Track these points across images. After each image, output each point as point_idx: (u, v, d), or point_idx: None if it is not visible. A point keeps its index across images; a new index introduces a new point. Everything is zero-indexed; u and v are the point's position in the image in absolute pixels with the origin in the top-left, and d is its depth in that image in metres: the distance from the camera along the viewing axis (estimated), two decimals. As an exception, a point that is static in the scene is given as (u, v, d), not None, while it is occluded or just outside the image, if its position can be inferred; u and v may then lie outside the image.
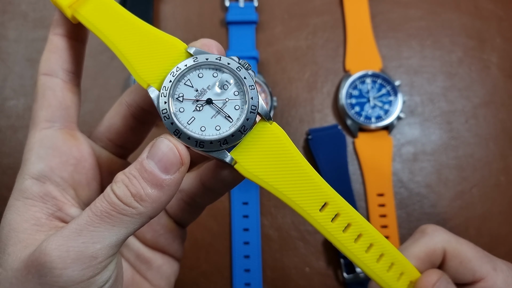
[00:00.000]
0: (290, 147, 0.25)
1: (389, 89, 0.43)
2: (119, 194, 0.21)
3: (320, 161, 0.41)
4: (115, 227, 0.21)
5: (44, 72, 0.25)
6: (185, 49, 0.24)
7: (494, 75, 0.46)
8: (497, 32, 0.47)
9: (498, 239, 0.41)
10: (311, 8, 0.47)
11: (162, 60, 0.24)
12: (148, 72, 0.24)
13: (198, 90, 0.24)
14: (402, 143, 0.43)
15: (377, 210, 0.41)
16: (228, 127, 0.23)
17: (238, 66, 0.24)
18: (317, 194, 0.25)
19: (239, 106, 0.24)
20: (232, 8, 0.45)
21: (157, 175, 0.21)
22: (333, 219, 0.25)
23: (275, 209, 0.42)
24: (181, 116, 0.23)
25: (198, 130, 0.23)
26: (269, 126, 0.24)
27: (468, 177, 0.43)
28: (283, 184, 0.25)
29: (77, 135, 0.25)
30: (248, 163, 0.24)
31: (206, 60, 0.23)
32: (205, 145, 0.22)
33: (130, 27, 0.26)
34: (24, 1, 0.46)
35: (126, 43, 0.25)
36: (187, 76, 0.23)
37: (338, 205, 0.25)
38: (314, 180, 0.25)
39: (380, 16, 0.47)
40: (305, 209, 0.25)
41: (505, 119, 0.44)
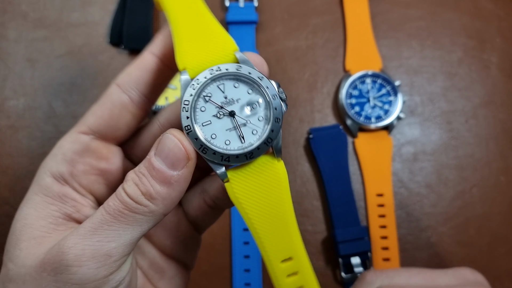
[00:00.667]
0: (284, 191, 0.24)
1: (389, 89, 0.43)
2: (130, 192, 0.21)
3: (320, 161, 0.41)
4: (129, 226, 0.21)
5: (118, 83, 0.24)
6: (234, 51, 0.24)
7: (494, 75, 0.46)
8: (497, 32, 0.47)
9: (498, 239, 0.41)
10: (311, 8, 0.47)
11: (208, 52, 0.24)
12: (190, 57, 0.23)
13: (226, 98, 0.23)
14: (402, 143, 0.44)
15: (376, 210, 0.41)
16: (237, 147, 0.22)
17: (275, 94, 0.23)
18: (287, 246, 0.24)
19: (257, 132, 0.23)
20: (232, 8, 0.45)
21: (164, 172, 0.21)
22: (289, 275, 0.24)
23: (275, 209, 0.42)
24: (200, 115, 0.22)
25: (209, 136, 0.22)
26: (276, 162, 0.24)
27: (468, 177, 0.43)
28: (261, 223, 0.24)
29: (112, 149, 0.25)
30: (239, 187, 0.23)
31: (248, 74, 0.23)
32: (207, 152, 0.22)
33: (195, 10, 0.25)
34: (24, 1, 0.46)
35: (183, 23, 0.24)
36: (223, 80, 0.23)
37: (300, 264, 0.24)
38: (291, 233, 0.24)
39: (380, 16, 0.47)
40: (270, 256, 0.24)
41: (505, 119, 0.44)
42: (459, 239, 0.41)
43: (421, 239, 0.41)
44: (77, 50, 0.45)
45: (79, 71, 0.44)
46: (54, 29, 0.45)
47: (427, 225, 0.41)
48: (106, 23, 0.46)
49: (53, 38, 0.45)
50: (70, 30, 0.45)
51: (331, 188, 0.41)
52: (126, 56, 0.45)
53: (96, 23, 0.46)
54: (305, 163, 0.43)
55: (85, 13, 0.46)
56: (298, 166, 0.43)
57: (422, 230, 0.41)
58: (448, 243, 0.41)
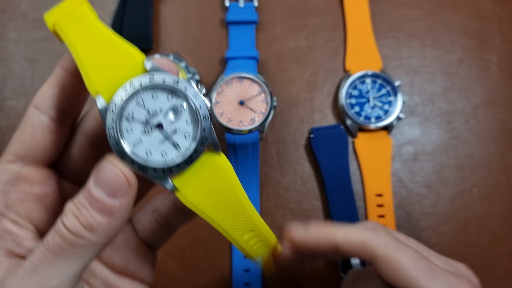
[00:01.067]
0: (232, 180, 0.25)
1: (389, 89, 0.43)
2: (69, 226, 0.20)
3: (321, 160, 0.41)
4: (70, 260, 0.20)
5: (35, 105, 0.23)
6: (142, 61, 0.23)
7: (494, 75, 0.46)
8: (497, 32, 0.47)
9: (498, 239, 0.41)
10: (311, 8, 0.47)
11: (117, 70, 0.23)
12: (99, 80, 0.22)
13: (149, 112, 0.22)
14: (402, 143, 0.44)
15: (375, 210, 0.41)
16: (175, 156, 0.22)
17: (195, 94, 0.22)
18: (246, 223, 0.26)
19: (189, 135, 0.23)
20: (232, 8, 0.45)
21: (105, 202, 0.20)
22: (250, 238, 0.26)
23: (275, 209, 0.42)
24: (128, 137, 0.22)
25: (143, 154, 0.22)
26: (216, 157, 0.24)
27: (468, 177, 0.43)
28: (219, 215, 0.25)
29: (45, 172, 0.24)
30: (190, 193, 0.24)
31: (162, 82, 0.22)
32: (148, 171, 0.22)
33: (94, 33, 0.24)
34: (24, 1, 0.47)
35: (82, 47, 0.23)
36: (141, 95, 0.22)
37: (260, 230, 0.26)
38: (247, 211, 0.26)
39: (380, 16, 0.47)
40: (233, 236, 0.26)
41: (505, 119, 0.44)
42: (459, 239, 0.41)
43: (421, 239, 0.41)
44: (77, 50, 0.45)
45: (79, 71, 0.44)
46: (54, 29, 0.46)
47: (427, 225, 0.41)
48: (106, 23, 0.46)
49: (53, 38, 0.45)
50: (70, 30, 0.46)
51: (331, 187, 0.41)
52: (126, 56, 0.45)
53: (96, 23, 0.46)
54: (305, 163, 0.43)
55: (85, 13, 0.46)
56: (298, 166, 0.43)
57: (422, 230, 0.41)
58: (448, 243, 0.41)
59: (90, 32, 0.23)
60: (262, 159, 0.43)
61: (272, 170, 0.42)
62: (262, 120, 0.38)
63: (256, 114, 0.39)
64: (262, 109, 0.39)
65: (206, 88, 0.44)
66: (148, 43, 0.44)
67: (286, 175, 0.42)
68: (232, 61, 0.43)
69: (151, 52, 0.45)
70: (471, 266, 0.40)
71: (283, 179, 0.42)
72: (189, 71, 0.42)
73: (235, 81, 0.40)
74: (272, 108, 0.39)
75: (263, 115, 0.39)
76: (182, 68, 0.43)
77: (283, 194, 0.42)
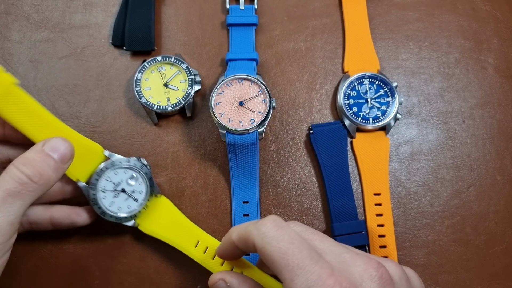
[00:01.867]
0: (173, 210, 0.39)
1: (386, 90, 0.43)
2: (27, 172, 0.30)
3: (320, 155, 0.42)
4: (19, 201, 0.30)
5: None
6: (102, 151, 0.37)
7: (491, 76, 0.46)
8: (494, 33, 0.47)
9: (494, 238, 0.42)
10: (310, 11, 0.47)
11: (86, 161, 0.36)
12: (77, 170, 0.36)
13: (115, 183, 0.37)
14: (399, 143, 0.44)
15: (373, 209, 0.42)
16: (136, 206, 0.37)
17: (141, 166, 0.38)
18: (192, 236, 0.38)
19: (143, 191, 0.38)
20: (232, 10, 0.46)
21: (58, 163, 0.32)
22: (205, 251, 0.38)
23: (274, 207, 0.42)
24: (104, 202, 0.37)
25: (116, 210, 0.37)
26: (159, 199, 0.39)
27: (465, 176, 0.43)
28: (172, 235, 0.38)
29: None
30: (146, 225, 0.38)
31: (119, 163, 0.37)
32: (121, 219, 0.37)
33: (56, 132, 0.35)
34: (27, 2, 0.47)
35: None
36: (107, 174, 0.37)
37: (206, 241, 0.38)
38: (191, 229, 0.39)
39: (378, 18, 0.48)
40: (187, 248, 0.38)
41: (502, 119, 0.45)
42: (456, 237, 0.42)
43: (419, 237, 0.42)
44: (79, 52, 0.46)
45: (82, 72, 0.45)
46: (57, 30, 0.46)
47: (424, 224, 0.42)
48: (108, 24, 0.46)
49: (56, 39, 0.46)
50: (72, 32, 0.46)
51: (330, 182, 0.41)
52: (129, 57, 0.46)
53: (99, 24, 0.46)
54: (304, 162, 0.43)
55: (87, 15, 0.47)
56: (297, 165, 0.43)
57: (419, 228, 0.42)
58: (445, 241, 0.42)
59: (46, 127, 0.35)
60: (262, 159, 0.43)
61: (272, 169, 0.43)
62: (261, 121, 0.39)
63: (255, 115, 0.39)
64: (261, 110, 0.39)
65: (208, 89, 0.45)
66: (150, 45, 0.45)
67: (286, 175, 0.43)
68: (233, 63, 0.43)
69: (153, 54, 0.45)
70: (468, 265, 0.41)
71: (283, 178, 0.43)
72: (190, 72, 0.43)
73: (235, 82, 0.40)
74: (271, 108, 0.39)
75: (262, 115, 0.39)
76: None
77: (282, 193, 0.43)
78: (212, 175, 0.43)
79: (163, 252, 0.41)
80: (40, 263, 0.40)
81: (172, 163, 0.43)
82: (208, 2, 0.48)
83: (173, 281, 0.40)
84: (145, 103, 0.42)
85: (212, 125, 0.44)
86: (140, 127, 0.44)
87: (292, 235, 0.26)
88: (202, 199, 0.42)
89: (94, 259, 0.41)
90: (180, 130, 0.44)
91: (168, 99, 0.42)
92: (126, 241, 0.41)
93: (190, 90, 0.42)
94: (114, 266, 0.40)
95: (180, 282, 0.40)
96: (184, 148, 0.43)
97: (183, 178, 0.42)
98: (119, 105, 0.44)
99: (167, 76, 0.43)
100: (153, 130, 0.44)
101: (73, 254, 0.41)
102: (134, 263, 0.40)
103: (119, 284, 0.40)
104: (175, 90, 0.43)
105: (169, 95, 0.43)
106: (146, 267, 0.40)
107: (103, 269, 0.40)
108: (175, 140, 0.43)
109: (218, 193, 0.42)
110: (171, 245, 0.38)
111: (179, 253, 0.41)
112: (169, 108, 0.42)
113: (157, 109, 0.42)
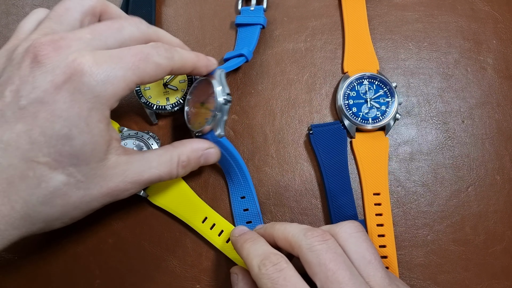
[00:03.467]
0: (183, 185, 0.41)
1: (386, 91, 0.44)
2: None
3: (320, 156, 0.42)
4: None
5: None
6: (118, 127, 0.42)
7: (490, 76, 0.46)
8: (493, 34, 0.48)
9: (493, 237, 0.42)
10: (310, 11, 0.48)
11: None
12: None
13: None
14: (399, 143, 0.44)
15: (373, 209, 0.42)
16: None
17: (148, 137, 0.41)
18: (200, 213, 0.41)
19: None
20: (243, 11, 0.47)
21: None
22: (211, 227, 0.40)
23: (274, 207, 0.42)
24: None
25: None
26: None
27: (464, 176, 0.44)
28: (179, 209, 0.40)
29: None
30: (157, 196, 0.40)
31: (128, 134, 0.41)
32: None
33: None
34: (28, 3, 0.47)
35: None
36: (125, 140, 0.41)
37: (214, 219, 0.40)
38: (199, 205, 0.41)
39: (378, 18, 0.48)
40: (194, 223, 0.40)
41: (501, 120, 0.45)
42: (455, 237, 0.42)
43: (418, 237, 0.42)
44: (80, 52, 0.46)
45: (82, 72, 0.45)
46: (58, 31, 0.46)
47: (424, 223, 0.42)
48: (109, 25, 0.47)
49: (57, 40, 0.46)
50: (73, 33, 0.46)
51: (329, 182, 0.42)
52: (129, 58, 0.46)
53: (99, 25, 0.47)
54: (304, 162, 0.43)
55: (88, 16, 0.47)
56: (297, 165, 0.43)
57: (418, 228, 0.42)
58: (444, 241, 0.42)
59: None
60: (262, 159, 0.43)
61: (272, 169, 0.43)
62: (211, 119, 0.36)
63: (210, 113, 0.37)
64: (212, 107, 0.37)
65: (207, 89, 0.45)
66: (150, 45, 0.45)
67: (286, 174, 0.43)
68: (228, 62, 0.43)
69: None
70: (467, 264, 0.41)
71: (283, 178, 0.43)
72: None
73: (201, 84, 0.39)
74: (223, 104, 0.36)
75: (212, 112, 0.36)
76: None
77: (282, 192, 0.43)
78: (212, 175, 0.43)
79: (164, 251, 0.41)
80: (40, 262, 0.41)
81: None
82: (208, 3, 0.48)
83: (173, 281, 0.40)
84: (145, 103, 0.42)
85: (212, 125, 0.44)
86: (140, 127, 0.44)
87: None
88: (202, 199, 0.42)
89: (94, 258, 0.41)
90: (180, 130, 0.44)
91: (167, 99, 0.43)
92: (127, 240, 0.41)
93: (190, 90, 0.43)
94: (114, 265, 0.41)
95: (180, 282, 0.40)
96: (184, 148, 0.43)
97: (183, 178, 0.43)
98: (119, 105, 0.44)
99: (166, 76, 0.43)
100: (152, 130, 0.44)
101: (74, 253, 0.41)
102: (135, 262, 0.41)
103: (120, 283, 0.40)
104: (175, 90, 0.43)
105: (169, 95, 0.43)
106: (147, 266, 0.41)
107: (103, 269, 0.41)
108: (174, 140, 0.44)
109: (218, 193, 0.43)
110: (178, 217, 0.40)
111: (179, 253, 0.41)
112: (168, 108, 0.42)
113: (157, 109, 0.42)
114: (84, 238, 0.41)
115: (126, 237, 0.41)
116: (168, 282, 0.40)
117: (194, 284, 0.40)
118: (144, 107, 0.43)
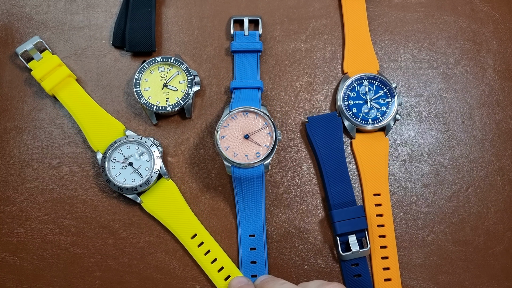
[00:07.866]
0: (177, 196, 0.41)
1: (386, 91, 0.44)
2: None
3: (316, 143, 0.42)
4: None
5: None
6: (123, 129, 0.42)
7: (490, 76, 0.46)
8: (493, 34, 0.48)
9: (493, 238, 0.42)
10: (310, 12, 0.48)
11: (107, 135, 0.42)
12: (98, 142, 0.41)
13: (125, 156, 0.40)
14: (399, 143, 0.44)
15: (373, 210, 0.42)
16: (140, 181, 0.40)
17: (151, 144, 0.41)
18: (191, 228, 0.40)
19: (148, 168, 0.40)
20: (237, 36, 0.45)
21: None
22: (199, 245, 0.40)
23: (274, 208, 0.42)
24: (112, 171, 0.40)
25: (121, 181, 0.40)
26: (166, 181, 0.41)
27: (464, 177, 0.44)
28: (170, 219, 0.40)
29: None
30: (150, 204, 0.41)
31: (132, 138, 0.41)
32: (123, 190, 0.40)
33: (89, 109, 0.42)
34: (28, 3, 0.47)
35: (86, 121, 0.42)
36: (120, 147, 0.41)
37: (203, 237, 0.40)
38: (191, 220, 0.41)
39: (378, 19, 0.48)
40: (182, 236, 0.40)
41: (501, 120, 0.45)
42: (455, 237, 0.42)
43: (418, 237, 0.42)
44: (80, 52, 0.46)
45: (82, 73, 0.45)
46: (58, 31, 0.46)
47: (424, 224, 0.42)
48: (109, 25, 0.47)
49: (56, 40, 0.46)
50: (73, 33, 0.46)
51: (326, 169, 0.42)
52: (129, 58, 0.46)
53: (99, 25, 0.47)
54: (304, 163, 0.43)
55: (88, 16, 0.47)
56: (297, 166, 0.43)
57: (418, 229, 0.42)
58: (444, 241, 0.42)
59: (85, 105, 0.43)
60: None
61: (272, 170, 0.43)
62: (266, 154, 0.38)
63: (261, 148, 0.39)
64: (267, 143, 0.39)
65: (207, 89, 0.45)
66: (151, 46, 0.45)
67: (286, 175, 0.43)
68: (237, 91, 0.43)
69: (153, 55, 0.46)
70: (467, 265, 0.41)
71: (283, 179, 0.43)
72: (190, 73, 0.43)
73: (240, 115, 0.40)
74: (277, 141, 0.39)
75: (267, 148, 0.39)
76: None
77: (282, 193, 0.43)
78: (212, 175, 0.43)
79: (164, 252, 0.41)
80: (41, 263, 0.40)
81: (172, 163, 0.43)
82: (208, 4, 0.48)
83: (173, 281, 0.40)
84: (145, 103, 0.42)
85: (212, 126, 0.44)
86: (140, 127, 0.44)
87: None
88: (203, 199, 0.42)
89: (94, 259, 0.41)
90: (180, 130, 0.44)
91: (167, 100, 0.43)
92: (127, 241, 0.41)
93: (190, 90, 0.43)
94: (114, 266, 0.41)
95: (180, 282, 0.40)
96: (184, 148, 0.43)
97: (183, 179, 0.43)
98: (119, 106, 0.44)
99: (166, 77, 0.43)
100: (153, 130, 0.44)
101: (74, 254, 0.41)
102: (135, 263, 0.41)
103: (120, 284, 0.40)
104: (175, 90, 0.43)
105: (169, 95, 0.43)
106: (147, 267, 0.41)
107: (103, 270, 0.40)
108: (174, 140, 0.44)
109: (219, 193, 0.42)
110: (168, 228, 0.41)
111: (179, 253, 0.41)
112: (168, 109, 0.42)
113: (157, 110, 0.42)
114: (84, 239, 0.41)
115: (126, 238, 0.41)
116: (168, 282, 0.40)
117: (194, 284, 0.40)
118: (144, 108, 0.43)
